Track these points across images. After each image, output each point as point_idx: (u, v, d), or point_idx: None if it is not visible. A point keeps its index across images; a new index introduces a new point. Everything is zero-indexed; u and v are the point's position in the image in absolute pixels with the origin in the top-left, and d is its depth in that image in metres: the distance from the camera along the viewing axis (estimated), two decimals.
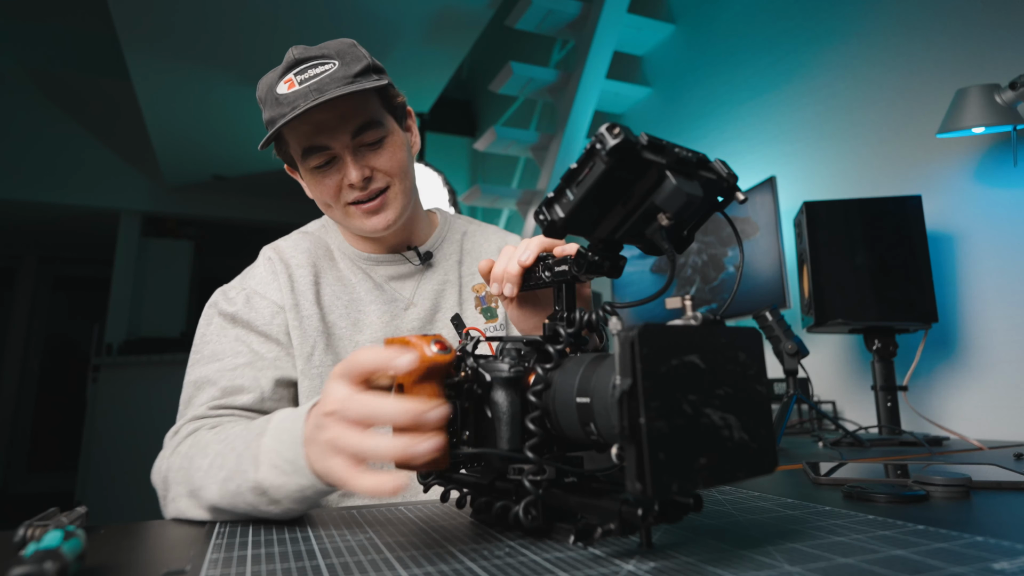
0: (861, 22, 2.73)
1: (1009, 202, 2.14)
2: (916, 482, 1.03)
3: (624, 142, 0.69)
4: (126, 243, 8.17)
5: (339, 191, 1.40)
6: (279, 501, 0.93)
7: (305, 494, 0.92)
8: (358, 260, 1.55)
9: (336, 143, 1.35)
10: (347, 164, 1.36)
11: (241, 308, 1.40)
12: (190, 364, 1.38)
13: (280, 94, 1.34)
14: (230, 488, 0.98)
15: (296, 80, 1.33)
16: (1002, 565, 0.61)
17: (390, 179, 1.41)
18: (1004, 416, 2.10)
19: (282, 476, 0.92)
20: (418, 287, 1.55)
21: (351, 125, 1.35)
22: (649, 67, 4.25)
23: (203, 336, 1.40)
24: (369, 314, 1.48)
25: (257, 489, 0.94)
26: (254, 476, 0.94)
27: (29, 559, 0.60)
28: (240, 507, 0.97)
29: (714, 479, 0.63)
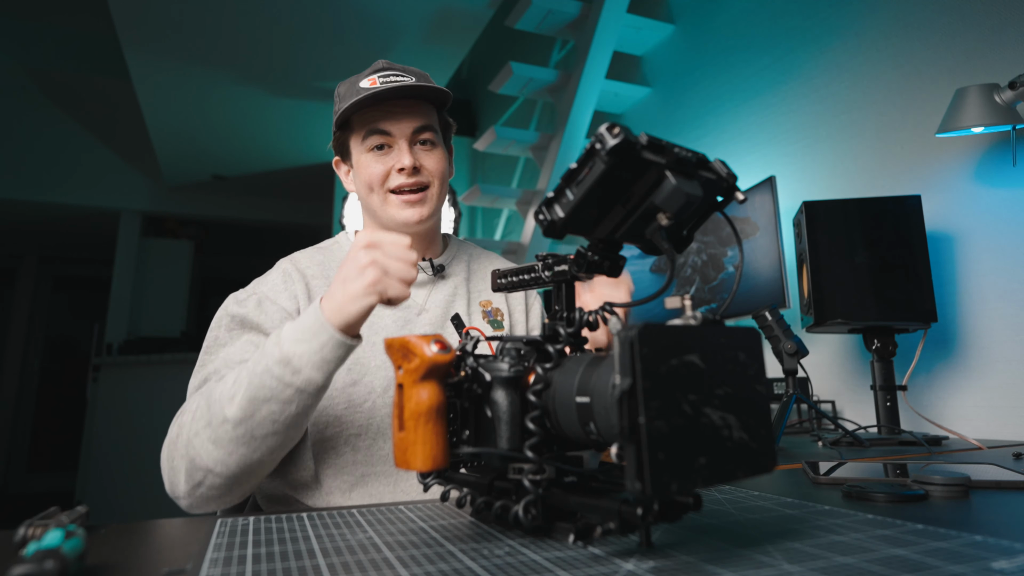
0: (860, 22, 2.73)
1: (1008, 202, 2.14)
2: (915, 481, 1.03)
3: (624, 142, 0.69)
4: (126, 243, 8.18)
5: (387, 176, 1.53)
6: (301, 370, 1.13)
7: (324, 354, 1.13)
8: None
9: (398, 131, 1.52)
10: (403, 151, 1.52)
11: (252, 311, 1.43)
12: (199, 364, 1.41)
13: (362, 87, 1.50)
14: (256, 372, 1.15)
15: (378, 80, 1.50)
16: (1001, 564, 0.61)
17: (432, 179, 1.56)
18: (1003, 416, 2.10)
19: (302, 344, 1.13)
20: (430, 295, 1.63)
21: (414, 122, 1.53)
22: (649, 67, 4.25)
23: (216, 338, 1.44)
24: (384, 316, 1.55)
25: (282, 360, 1.13)
26: (278, 352, 1.14)
27: (30, 558, 0.60)
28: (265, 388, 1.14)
29: (713, 478, 0.63)
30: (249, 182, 8.07)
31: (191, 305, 8.71)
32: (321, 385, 1.16)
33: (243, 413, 1.14)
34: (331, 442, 1.41)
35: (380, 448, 1.44)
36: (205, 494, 1.22)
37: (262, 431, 1.16)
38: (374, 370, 1.46)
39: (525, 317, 1.78)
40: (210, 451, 1.17)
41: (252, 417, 1.14)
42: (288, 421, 1.16)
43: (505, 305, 1.74)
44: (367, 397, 1.44)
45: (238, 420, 1.14)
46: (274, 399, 1.13)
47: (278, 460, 1.26)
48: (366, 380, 1.45)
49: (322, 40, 4.71)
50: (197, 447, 1.18)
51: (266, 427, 1.15)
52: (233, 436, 1.15)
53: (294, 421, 1.18)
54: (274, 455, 1.22)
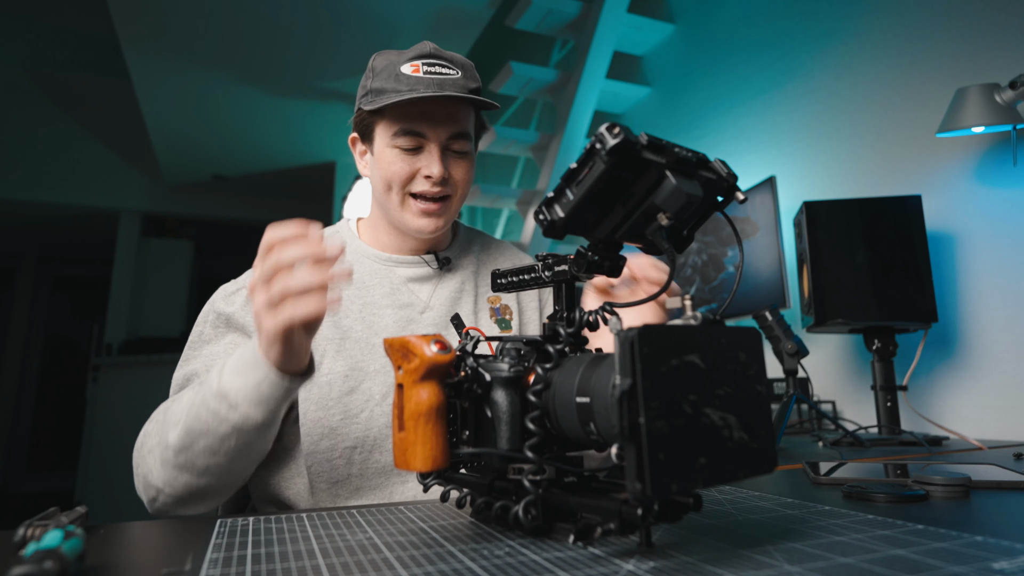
0: (860, 22, 2.73)
1: (1009, 202, 2.14)
2: (916, 482, 1.03)
3: (624, 142, 0.69)
4: (126, 243, 8.19)
5: (411, 178, 1.44)
6: (237, 405, 1.07)
7: (261, 390, 1.06)
8: (378, 260, 1.56)
9: (433, 135, 1.42)
10: (435, 158, 1.42)
11: (238, 310, 1.40)
12: (182, 359, 1.40)
13: (403, 72, 1.40)
14: (196, 402, 1.11)
15: (422, 68, 1.40)
16: (1001, 565, 0.61)
17: (457, 189, 1.48)
18: (1004, 416, 2.10)
19: (240, 377, 1.07)
20: (435, 291, 1.56)
21: (452, 128, 1.43)
22: (649, 67, 4.25)
23: (200, 335, 1.42)
24: (384, 317, 1.48)
25: (219, 394, 1.07)
26: (216, 384, 1.08)
27: (29, 559, 0.60)
28: (201, 420, 1.09)
29: (714, 479, 0.63)
30: (249, 182, 8.08)
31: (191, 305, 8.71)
32: (262, 422, 1.09)
33: (181, 443, 1.10)
34: (326, 455, 1.36)
35: (376, 460, 1.38)
36: (161, 508, 1.20)
37: (202, 462, 1.11)
38: (373, 375, 1.41)
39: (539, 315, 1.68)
40: (158, 472, 1.15)
41: (190, 448, 1.10)
42: (230, 454, 1.11)
43: (515, 302, 1.66)
44: (364, 406, 1.38)
45: (177, 449, 1.11)
46: (210, 433, 1.09)
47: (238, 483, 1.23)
48: (364, 387, 1.39)
49: (322, 40, 4.71)
50: (150, 464, 1.17)
51: (205, 459, 1.11)
52: (175, 463, 1.12)
53: (237, 454, 1.12)
54: (224, 481, 1.18)
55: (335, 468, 1.36)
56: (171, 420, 1.14)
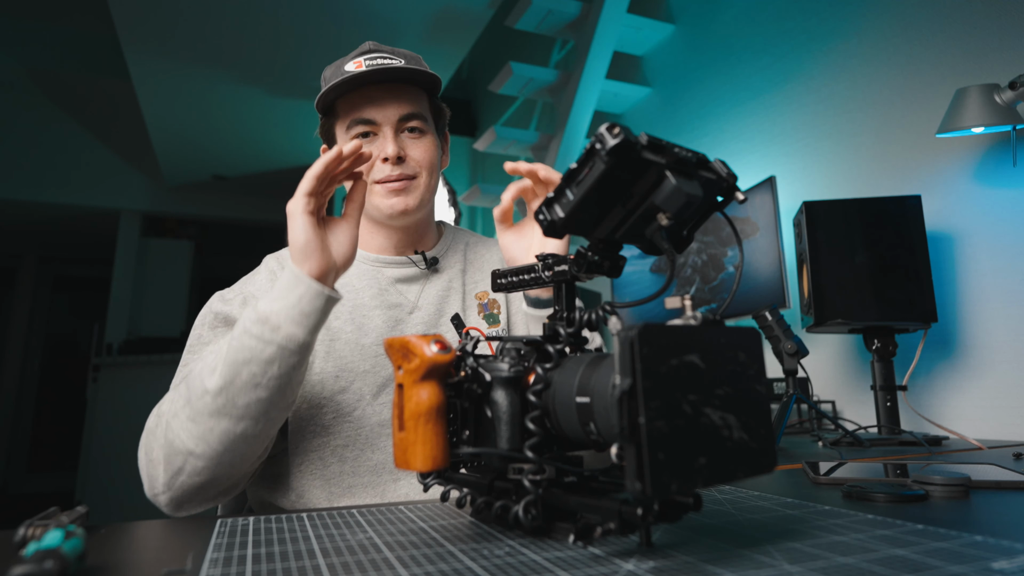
0: (860, 22, 2.73)
1: (1009, 202, 2.14)
2: (915, 482, 1.03)
3: (624, 142, 0.69)
4: (126, 243, 8.19)
5: (370, 167, 1.47)
6: (279, 326, 1.10)
7: (303, 306, 1.11)
8: (366, 261, 1.57)
9: (383, 118, 1.46)
10: (388, 139, 1.46)
11: (236, 310, 1.40)
12: (182, 364, 1.38)
13: (346, 70, 1.44)
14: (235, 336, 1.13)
15: (365, 63, 1.45)
16: (1001, 564, 0.61)
17: (419, 170, 1.50)
18: (1003, 416, 2.10)
19: (279, 300, 1.11)
20: (423, 291, 1.57)
21: (400, 110, 1.47)
22: (649, 67, 4.25)
23: (199, 337, 1.40)
24: (373, 318, 1.49)
25: (260, 319, 1.10)
26: (255, 312, 1.12)
27: (30, 558, 0.60)
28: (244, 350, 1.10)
29: (713, 479, 0.63)
30: (249, 182, 8.08)
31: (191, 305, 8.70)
32: (303, 342, 1.12)
33: (223, 381, 1.10)
34: (317, 452, 1.38)
35: (368, 459, 1.40)
36: (186, 483, 1.16)
37: (244, 398, 1.11)
38: (363, 375, 1.42)
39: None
40: (190, 430, 1.13)
41: (232, 383, 1.10)
42: (271, 385, 1.11)
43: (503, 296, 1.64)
44: (356, 405, 1.40)
45: (218, 389, 1.10)
46: (254, 360, 1.09)
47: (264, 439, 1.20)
48: (355, 386, 1.41)
49: (322, 40, 4.71)
50: (176, 429, 1.14)
51: (248, 393, 1.11)
52: (213, 408, 1.11)
53: (278, 384, 1.12)
54: (259, 427, 1.15)
55: (327, 466, 1.37)
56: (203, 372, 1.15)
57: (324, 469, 1.38)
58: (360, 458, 1.39)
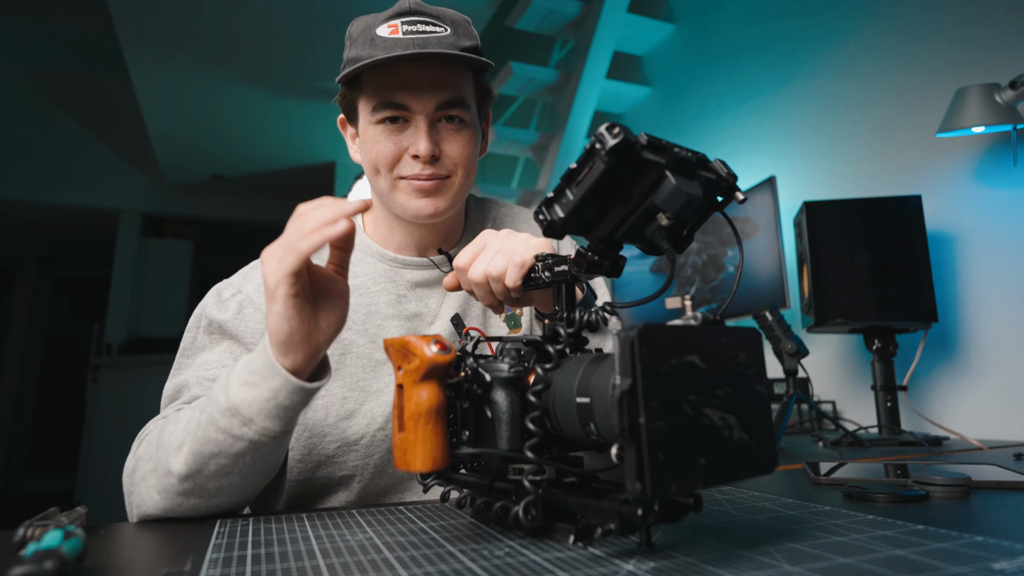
0: (860, 22, 2.73)
1: (1009, 202, 2.14)
2: (916, 482, 1.03)
3: (624, 142, 0.69)
4: (125, 243, 8.19)
5: (397, 159, 1.26)
6: (252, 420, 0.93)
7: (279, 400, 0.92)
8: (383, 260, 1.38)
9: (418, 106, 1.22)
10: (421, 133, 1.23)
11: (231, 318, 1.26)
12: (175, 368, 1.27)
13: (379, 35, 1.20)
14: (201, 422, 0.96)
15: (401, 28, 1.20)
16: (1002, 565, 0.61)
17: (454, 168, 1.28)
18: (1004, 416, 2.10)
19: (251, 389, 0.92)
20: (445, 297, 1.39)
21: (440, 96, 1.22)
22: (649, 67, 4.26)
23: (193, 341, 1.29)
24: (390, 330, 1.33)
25: (229, 410, 0.93)
26: (224, 400, 0.94)
27: (29, 559, 0.60)
28: (211, 442, 0.95)
29: (714, 479, 0.63)
30: (249, 182, 8.08)
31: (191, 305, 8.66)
32: (280, 432, 0.96)
33: (188, 469, 0.96)
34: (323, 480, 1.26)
35: (375, 485, 1.27)
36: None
37: (214, 484, 0.98)
38: (375, 395, 1.28)
39: None
40: (156, 501, 1.00)
41: (200, 472, 0.96)
42: (245, 471, 0.98)
43: None
44: (364, 432, 1.25)
45: (183, 476, 0.96)
46: (223, 453, 0.95)
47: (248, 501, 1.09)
48: (365, 409, 1.26)
49: (321, 39, 4.71)
50: (143, 494, 1.02)
51: (217, 480, 0.98)
52: (180, 490, 0.98)
53: (253, 469, 0.99)
54: (235, 500, 1.04)
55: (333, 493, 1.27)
56: (170, 444, 1.00)
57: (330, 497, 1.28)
58: (368, 487, 1.27)
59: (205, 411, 0.96)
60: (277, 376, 0.91)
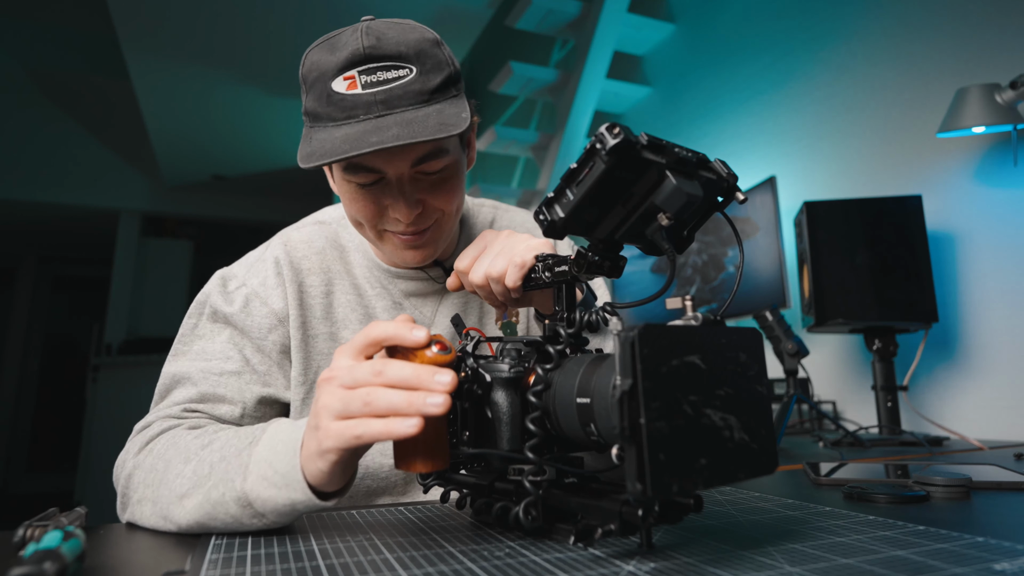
0: (861, 21, 2.73)
1: (1009, 202, 2.14)
2: (916, 482, 1.03)
3: (624, 142, 0.69)
4: (125, 243, 8.19)
5: (379, 216, 1.18)
6: (264, 515, 0.87)
7: (296, 508, 0.86)
8: (376, 269, 1.36)
9: (391, 169, 1.11)
10: (399, 196, 1.13)
11: (238, 311, 1.25)
12: (172, 353, 1.24)
13: (336, 92, 1.08)
14: (212, 497, 0.89)
15: (359, 80, 1.07)
16: (1003, 566, 0.61)
17: (441, 215, 1.20)
18: (1004, 416, 2.10)
19: (271, 489, 0.86)
20: (439, 306, 1.38)
21: (414, 153, 1.10)
22: (649, 67, 4.25)
23: (194, 327, 1.27)
24: None
25: (242, 500, 0.87)
26: (240, 486, 0.87)
27: (28, 559, 0.60)
28: (219, 518, 0.89)
29: (714, 480, 0.63)
30: (248, 182, 8.08)
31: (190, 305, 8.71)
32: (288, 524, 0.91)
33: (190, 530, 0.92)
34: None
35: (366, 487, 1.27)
36: None
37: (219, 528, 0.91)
38: None
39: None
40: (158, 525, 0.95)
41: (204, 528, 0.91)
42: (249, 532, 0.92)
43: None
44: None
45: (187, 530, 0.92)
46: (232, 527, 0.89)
47: None
48: None
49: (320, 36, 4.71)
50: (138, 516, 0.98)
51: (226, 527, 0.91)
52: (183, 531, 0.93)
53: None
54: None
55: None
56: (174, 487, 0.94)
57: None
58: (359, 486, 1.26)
59: (218, 486, 0.89)
60: (299, 489, 0.84)
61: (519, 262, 0.95)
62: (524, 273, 0.96)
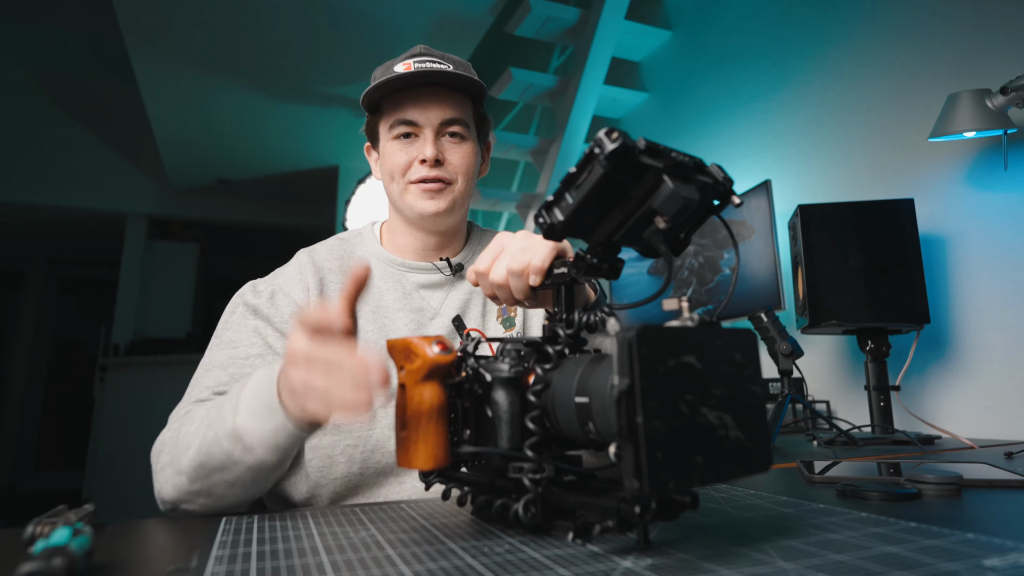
0: (854, 28, 2.73)
1: (1000, 205, 2.14)
2: (908, 480, 1.03)
3: (622, 146, 0.69)
4: (132, 245, 8.20)
5: (409, 166, 1.47)
6: (252, 448, 1.01)
7: (278, 439, 0.99)
8: (391, 265, 1.55)
9: (425, 122, 1.45)
10: (427, 142, 1.45)
11: (264, 303, 1.41)
12: (209, 347, 1.39)
13: (395, 71, 1.43)
14: (208, 437, 1.04)
15: (414, 65, 1.43)
16: (993, 562, 0.61)
17: (455, 175, 1.48)
18: (995, 415, 2.10)
19: (256, 420, 0.99)
20: (446, 298, 1.52)
21: (443, 114, 1.46)
22: (646, 73, 4.26)
23: (225, 323, 1.41)
24: (396, 320, 1.45)
25: (233, 435, 1.01)
26: (232, 422, 1.01)
27: (38, 556, 0.60)
28: (215, 457, 1.03)
29: (710, 477, 0.63)
30: (253, 185, 8.08)
31: (196, 306, 8.72)
32: (277, 463, 1.05)
33: (195, 473, 1.05)
34: (327, 450, 1.32)
35: (377, 461, 1.34)
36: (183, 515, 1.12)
37: (219, 491, 1.06)
38: None
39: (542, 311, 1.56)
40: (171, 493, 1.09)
41: (206, 479, 1.05)
42: (246, 485, 1.07)
43: None
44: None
45: (192, 478, 1.05)
46: (225, 470, 1.03)
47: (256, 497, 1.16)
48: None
49: (323, 46, 4.71)
50: (162, 483, 1.11)
51: (222, 489, 1.06)
52: (190, 489, 1.06)
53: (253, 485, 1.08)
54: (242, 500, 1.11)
55: (335, 465, 1.33)
56: (183, 443, 1.08)
57: (332, 468, 1.33)
58: (369, 460, 1.34)
59: (213, 427, 1.05)
60: (278, 416, 0.97)
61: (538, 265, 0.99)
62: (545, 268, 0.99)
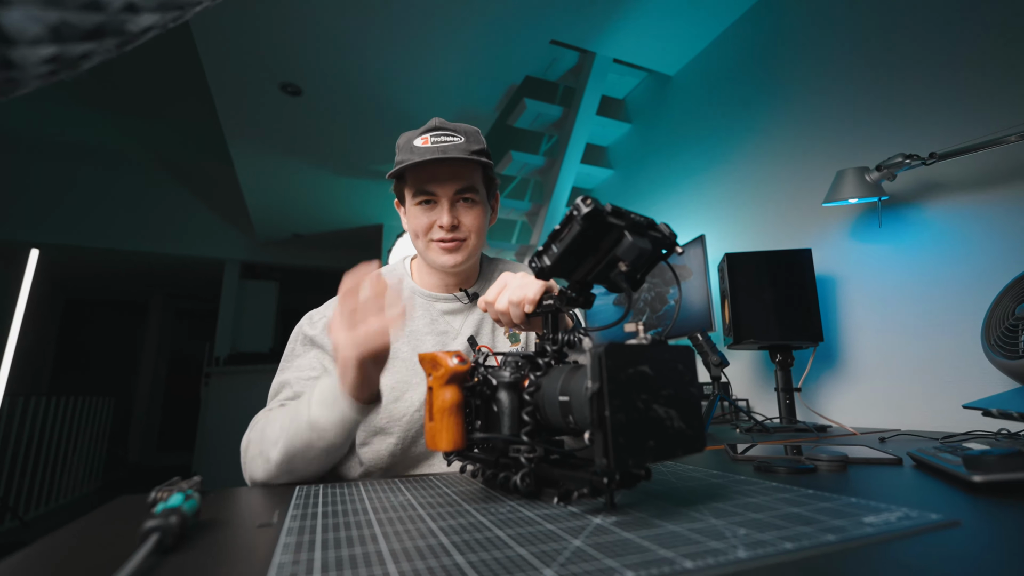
0: (766, 121, 2.75)
1: (876, 254, 2.15)
2: (807, 458, 1.03)
3: (594, 210, 0.70)
4: (229, 283, 8.21)
5: (430, 228, 1.39)
6: (325, 433, 1.03)
7: (346, 423, 1.02)
8: (422, 296, 1.50)
9: (441, 192, 1.36)
10: (444, 210, 1.37)
11: (319, 333, 1.37)
12: (280, 368, 1.36)
13: (415, 145, 1.35)
14: (291, 430, 1.05)
15: (430, 139, 1.35)
16: (870, 519, 0.61)
17: (469, 233, 1.41)
18: (871, 410, 2.10)
19: (326, 408, 1.02)
20: (465, 321, 1.49)
21: (457, 184, 1.37)
22: (612, 155, 4.28)
23: (292, 350, 1.38)
24: (426, 342, 1.42)
25: (310, 424, 1.03)
26: (307, 415, 1.04)
27: (159, 515, 0.61)
28: (297, 445, 1.04)
29: (659, 456, 0.63)
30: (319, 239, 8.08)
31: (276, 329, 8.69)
32: (341, 444, 1.06)
33: (282, 459, 1.06)
34: (375, 447, 1.32)
35: (412, 452, 1.33)
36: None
37: (300, 470, 1.08)
38: (415, 387, 1.35)
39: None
40: (261, 476, 1.09)
41: (290, 462, 1.06)
42: (321, 461, 1.08)
43: None
44: (406, 412, 1.32)
45: (279, 464, 1.06)
46: (306, 453, 1.05)
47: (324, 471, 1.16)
48: (407, 396, 1.34)
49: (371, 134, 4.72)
50: (252, 470, 1.11)
51: (303, 468, 1.08)
52: (277, 473, 1.07)
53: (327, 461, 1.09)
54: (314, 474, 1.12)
55: (381, 458, 1.32)
56: (269, 438, 1.08)
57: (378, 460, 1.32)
58: (408, 452, 1.33)
59: (295, 420, 1.06)
60: (340, 402, 1.01)
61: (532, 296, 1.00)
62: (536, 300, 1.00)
